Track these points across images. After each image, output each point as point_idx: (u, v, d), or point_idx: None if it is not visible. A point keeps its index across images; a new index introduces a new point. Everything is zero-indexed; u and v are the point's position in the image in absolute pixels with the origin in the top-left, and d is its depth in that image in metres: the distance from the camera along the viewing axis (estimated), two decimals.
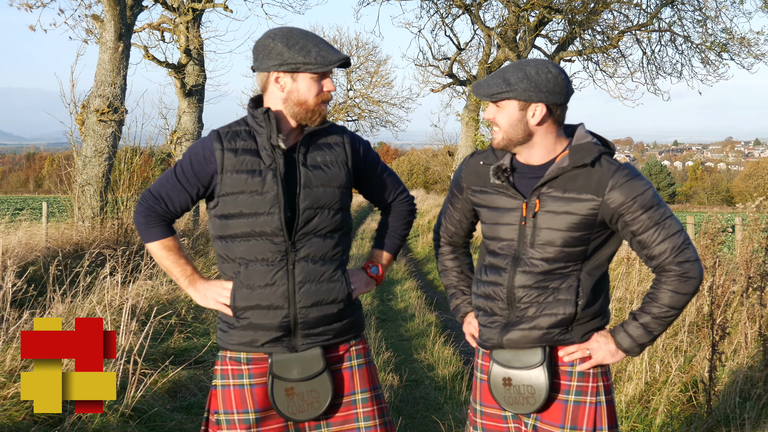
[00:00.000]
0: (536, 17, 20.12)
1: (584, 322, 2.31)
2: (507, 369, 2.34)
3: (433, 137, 46.35)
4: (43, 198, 30.31)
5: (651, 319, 2.27)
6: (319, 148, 2.44)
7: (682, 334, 5.38)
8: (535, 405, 2.30)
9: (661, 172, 79.31)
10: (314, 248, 2.40)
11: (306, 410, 2.39)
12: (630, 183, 2.23)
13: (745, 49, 20.07)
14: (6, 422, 3.94)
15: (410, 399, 5.42)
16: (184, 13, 15.31)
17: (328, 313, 2.42)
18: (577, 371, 2.33)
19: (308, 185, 2.39)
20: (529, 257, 2.29)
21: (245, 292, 2.39)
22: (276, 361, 2.40)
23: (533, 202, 2.29)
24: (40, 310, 5.90)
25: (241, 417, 2.40)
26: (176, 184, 2.43)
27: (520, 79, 2.25)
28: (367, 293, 9.89)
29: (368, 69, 40.31)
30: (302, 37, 2.36)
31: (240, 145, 2.39)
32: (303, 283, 2.38)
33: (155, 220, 2.45)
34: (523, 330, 2.31)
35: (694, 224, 13.46)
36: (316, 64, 2.35)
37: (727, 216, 24.97)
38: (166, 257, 2.47)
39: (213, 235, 2.46)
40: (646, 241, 2.23)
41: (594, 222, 2.25)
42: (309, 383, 2.40)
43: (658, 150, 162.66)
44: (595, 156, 2.25)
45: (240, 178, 2.36)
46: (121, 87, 11.88)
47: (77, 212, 11.43)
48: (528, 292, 2.29)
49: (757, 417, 4.29)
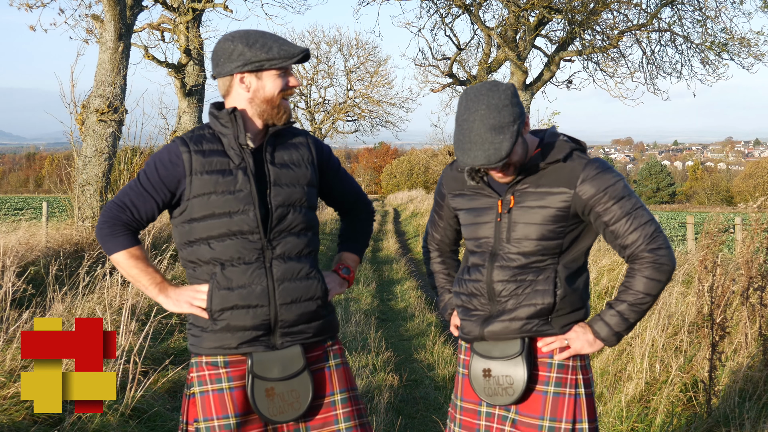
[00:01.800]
0: (536, 17, 20.11)
1: (563, 314, 2.35)
2: (487, 360, 2.37)
3: (433, 137, 46.36)
4: (43, 198, 30.33)
5: (627, 306, 2.31)
6: (285, 147, 2.46)
7: (682, 334, 5.38)
8: (514, 396, 2.32)
9: (661, 172, 79.28)
10: (289, 246, 2.40)
11: (287, 411, 2.37)
12: (600, 175, 2.29)
13: (745, 49, 20.06)
14: (6, 422, 3.94)
15: (410, 399, 5.42)
16: (184, 13, 15.31)
17: (306, 311, 2.42)
18: (557, 363, 2.36)
19: (278, 183, 2.40)
20: (506, 252, 2.34)
21: (223, 294, 2.35)
22: (256, 360, 2.37)
23: (508, 198, 2.35)
24: (40, 310, 5.90)
25: (221, 423, 2.36)
26: (141, 191, 2.39)
27: (504, 116, 2.19)
28: (367, 293, 9.91)
29: (368, 69, 40.33)
30: (261, 35, 2.39)
31: (207, 147, 2.38)
32: (281, 280, 2.38)
33: (120, 230, 2.38)
34: (503, 321, 2.34)
35: (694, 224, 13.47)
36: (280, 58, 2.36)
37: (728, 216, 24.98)
38: (134, 266, 2.39)
39: (180, 243, 2.42)
40: (618, 231, 2.29)
41: (567, 214, 2.31)
42: (289, 383, 2.38)
43: (658, 150, 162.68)
44: (567, 152, 2.32)
45: (210, 179, 2.35)
46: (121, 87, 11.88)
47: (77, 212, 11.44)
48: (506, 286, 2.34)
49: (757, 417, 4.29)
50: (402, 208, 36.42)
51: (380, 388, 5.35)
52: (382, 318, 8.59)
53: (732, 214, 26.92)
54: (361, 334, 7.06)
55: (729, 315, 4.97)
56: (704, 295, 4.65)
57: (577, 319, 2.38)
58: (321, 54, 40.17)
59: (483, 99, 2.21)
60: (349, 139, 43.88)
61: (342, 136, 42.39)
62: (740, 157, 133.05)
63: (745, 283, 5.10)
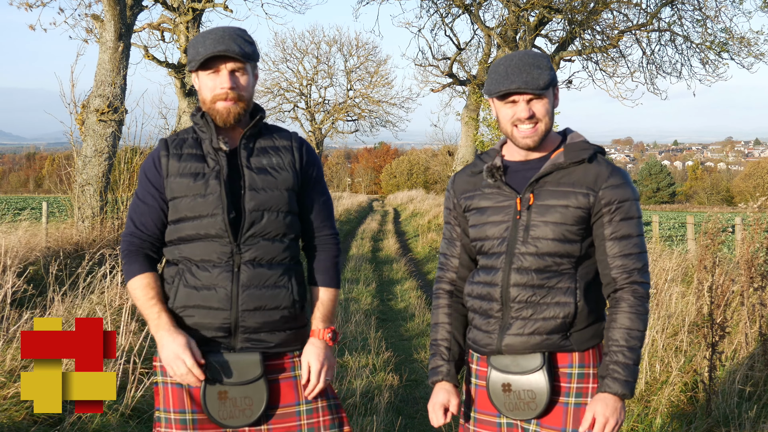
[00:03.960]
0: (536, 17, 20.11)
1: (581, 328, 2.27)
2: (506, 374, 2.28)
3: (433, 137, 46.46)
4: (43, 198, 30.34)
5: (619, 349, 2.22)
6: (265, 151, 2.41)
7: (682, 334, 5.38)
8: (537, 410, 2.24)
9: (661, 172, 79.27)
10: (261, 251, 2.34)
11: (237, 417, 2.31)
12: (624, 186, 2.25)
13: (745, 49, 20.07)
14: (6, 422, 3.94)
15: (410, 399, 5.42)
16: (184, 12, 15.31)
17: (269, 320, 2.35)
18: (576, 373, 2.28)
19: (253, 187, 2.35)
20: (522, 252, 2.25)
21: (187, 291, 2.34)
22: (213, 361, 2.33)
23: (527, 196, 2.28)
24: (40, 310, 5.89)
25: (177, 417, 2.34)
26: (141, 205, 2.40)
27: (541, 60, 2.26)
28: (367, 293, 9.91)
29: (368, 69, 40.35)
30: (207, 34, 2.34)
31: (185, 151, 2.38)
32: (247, 286, 2.33)
33: (134, 257, 2.38)
34: (522, 336, 2.25)
35: (694, 224, 13.46)
36: (193, 61, 2.34)
37: (727, 216, 24.97)
38: (138, 296, 2.36)
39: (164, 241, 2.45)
40: (613, 250, 2.24)
41: (588, 216, 2.25)
42: (244, 389, 2.32)
43: (658, 150, 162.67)
44: (591, 153, 2.28)
45: (183, 182, 2.34)
46: (121, 87, 11.88)
47: (77, 212, 11.44)
48: (522, 292, 2.25)
49: (757, 417, 4.29)
50: (402, 208, 36.41)
51: (380, 388, 5.35)
52: (382, 318, 8.59)
53: (732, 214, 26.95)
54: (361, 334, 7.06)
55: (729, 315, 4.97)
56: (704, 295, 4.65)
57: (596, 332, 2.29)
58: (321, 54, 40.22)
59: (522, 53, 2.30)
60: (349, 139, 43.89)
61: (342, 136, 42.40)
62: (740, 157, 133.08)
63: (745, 283, 5.10)
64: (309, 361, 2.40)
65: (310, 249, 2.54)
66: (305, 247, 2.56)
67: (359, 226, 24.45)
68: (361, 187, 77.94)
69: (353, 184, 78.66)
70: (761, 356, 4.96)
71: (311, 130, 40.20)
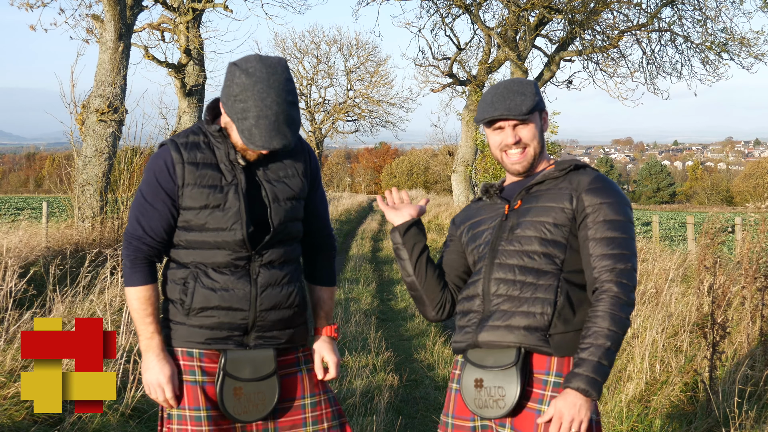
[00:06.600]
0: (536, 17, 20.12)
1: (562, 332, 2.24)
2: (480, 369, 2.27)
3: (433, 137, 46.42)
4: (43, 198, 30.31)
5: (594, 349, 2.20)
6: (279, 160, 2.43)
7: (682, 334, 5.38)
8: (504, 409, 2.20)
9: (661, 172, 79.34)
10: (276, 254, 2.42)
11: (251, 411, 2.38)
12: (605, 188, 2.31)
13: (745, 49, 20.08)
14: (6, 422, 3.94)
15: (410, 399, 5.42)
16: (184, 13, 15.31)
17: (283, 317, 2.43)
18: (552, 381, 2.24)
19: (277, 200, 2.40)
20: (506, 249, 2.32)
21: (205, 293, 2.35)
22: (230, 359, 2.38)
23: (515, 202, 2.38)
24: (40, 310, 5.89)
25: (192, 414, 2.37)
26: (151, 209, 2.37)
27: (525, 87, 2.38)
28: (367, 293, 9.91)
29: (368, 69, 40.34)
30: (255, 95, 2.22)
31: (200, 159, 2.36)
32: (265, 286, 2.39)
33: (139, 265, 2.38)
34: (498, 329, 2.25)
35: (694, 224, 13.46)
36: (241, 137, 2.27)
37: (727, 216, 24.98)
38: (135, 308, 2.37)
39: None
40: (596, 251, 2.24)
41: (572, 220, 2.30)
42: (257, 384, 2.39)
43: (658, 150, 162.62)
44: (579, 163, 2.39)
45: (203, 192, 2.34)
46: (121, 87, 11.88)
47: (77, 212, 11.43)
48: (501, 286, 2.28)
49: (757, 417, 4.29)
50: None
51: (380, 388, 5.35)
52: (382, 318, 8.59)
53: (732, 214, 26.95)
54: (361, 334, 7.06)
55: (729, 315, 4.97)
56: (704, 295, 4.65)
57: (575, 341, 2.24)
58: (321, 54, 40.22)
59: (508, 81, 2.43)
60: (349, 139, 43.86)
61: (342, 136, 42.41)
62: (740, 157, 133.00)
63: (747, 283, 5.10)
64: (325, 355, 2.55)
65: (309, 249, 2.62)
66: (304, 246, 2.61)
67: (359, 226, 24.44)
68: (361, 187, 77.91)
69: (353, 184, 78.63)
70: (761, 356, 4.96)
71: (311, 130, 40.20)
